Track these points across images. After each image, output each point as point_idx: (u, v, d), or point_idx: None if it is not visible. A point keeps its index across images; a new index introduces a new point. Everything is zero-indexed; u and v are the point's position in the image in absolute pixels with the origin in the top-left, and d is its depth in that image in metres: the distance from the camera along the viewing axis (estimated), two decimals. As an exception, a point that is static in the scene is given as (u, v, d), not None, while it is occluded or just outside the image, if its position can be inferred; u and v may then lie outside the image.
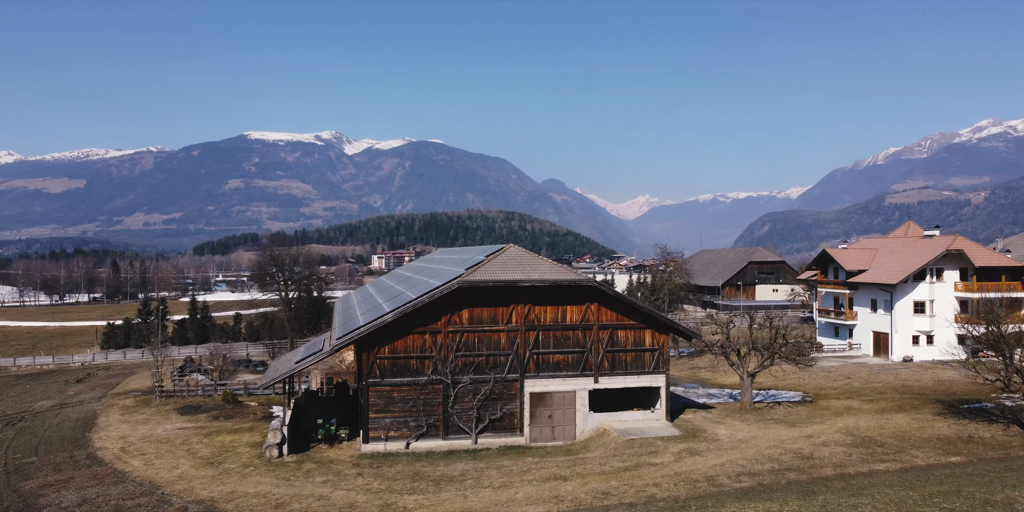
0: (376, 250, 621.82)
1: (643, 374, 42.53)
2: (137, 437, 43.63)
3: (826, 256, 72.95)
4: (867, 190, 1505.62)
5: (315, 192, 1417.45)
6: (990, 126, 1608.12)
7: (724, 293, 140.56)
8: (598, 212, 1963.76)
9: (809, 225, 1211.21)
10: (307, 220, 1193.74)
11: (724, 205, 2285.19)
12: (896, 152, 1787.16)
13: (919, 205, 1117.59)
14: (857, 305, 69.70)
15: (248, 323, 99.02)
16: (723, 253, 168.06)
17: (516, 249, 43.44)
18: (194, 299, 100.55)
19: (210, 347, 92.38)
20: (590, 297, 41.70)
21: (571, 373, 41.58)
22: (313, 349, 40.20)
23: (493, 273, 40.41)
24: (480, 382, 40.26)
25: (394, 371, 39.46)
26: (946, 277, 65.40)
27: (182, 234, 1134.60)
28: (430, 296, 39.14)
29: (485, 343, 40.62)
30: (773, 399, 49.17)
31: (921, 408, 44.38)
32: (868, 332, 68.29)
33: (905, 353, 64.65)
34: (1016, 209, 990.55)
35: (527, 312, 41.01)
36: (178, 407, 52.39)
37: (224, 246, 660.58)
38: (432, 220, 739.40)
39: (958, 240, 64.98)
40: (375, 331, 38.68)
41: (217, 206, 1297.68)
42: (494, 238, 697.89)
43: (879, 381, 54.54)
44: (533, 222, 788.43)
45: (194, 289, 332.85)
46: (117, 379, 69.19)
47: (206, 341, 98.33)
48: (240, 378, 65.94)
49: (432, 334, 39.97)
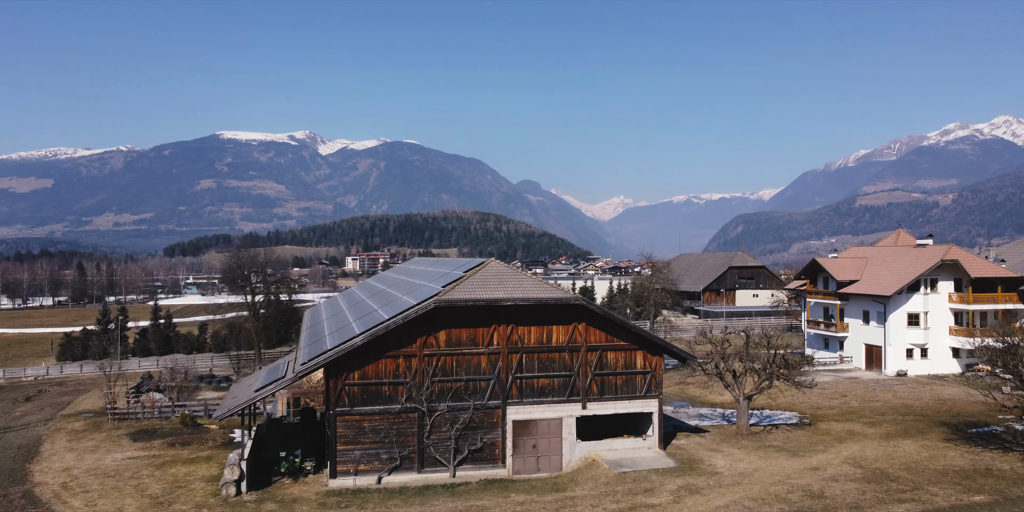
0: (350, 252, 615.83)
1: (634, 399, 39.49)
2: (83, 469, 39.79)
3: (816, 265, 70.50)
4: (838, 192, 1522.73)
5: (289, 192, 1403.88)
6: (957, 129, 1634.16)
7: (705, 298, 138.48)
8: (573, 213, 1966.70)
9: (781, 226, 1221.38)
10: (280, 221, 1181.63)
11: (698, 206, 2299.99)
12: (866, 154, 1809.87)
13: (888, 207, 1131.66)
14: (848, 316, 67.30)
15: (214, 333, 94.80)
16: (702, 258, 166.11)
17: (497, 264, 40.21)
18: (156, 308, 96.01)
19: (172, 359, 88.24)
20: (578, 316, 38.60)
21: (557, 399, 38.44)
22: (275, 375, 36.69)
23: (473, 291, 37.16)
24: (458, 410, 36.98)
25: (365, 398, 36.06)
26: (940, 288, 63.17)
27: (153, 235, 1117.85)
28: (404, 316, 35.80)
29: (464, 367, 37.36)
30: (769, 421, 46.37)
31: (928, 432, 41.77)
32: (860, 344, 65.90)
33: (899, 367, 62.28)
34: (983, 211, 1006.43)
35: (509, 333, 37.82)
36: (131, 431, 48.49)
37: (195, 247, 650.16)
38: (407, 221, 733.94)
39: (952, 250, 62.78)
40: (344, 355, 35.27)
41: (189, 206, 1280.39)
42: (469, 239, 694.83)
43: (877, 400, 51.98)
44: (508, 223, 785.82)
45: (163, 292, 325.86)
46: (69, 397, 64.91)
47: (169, 352, 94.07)
48: (202, 396, 62.00)
49: (406, 358, 36.64)
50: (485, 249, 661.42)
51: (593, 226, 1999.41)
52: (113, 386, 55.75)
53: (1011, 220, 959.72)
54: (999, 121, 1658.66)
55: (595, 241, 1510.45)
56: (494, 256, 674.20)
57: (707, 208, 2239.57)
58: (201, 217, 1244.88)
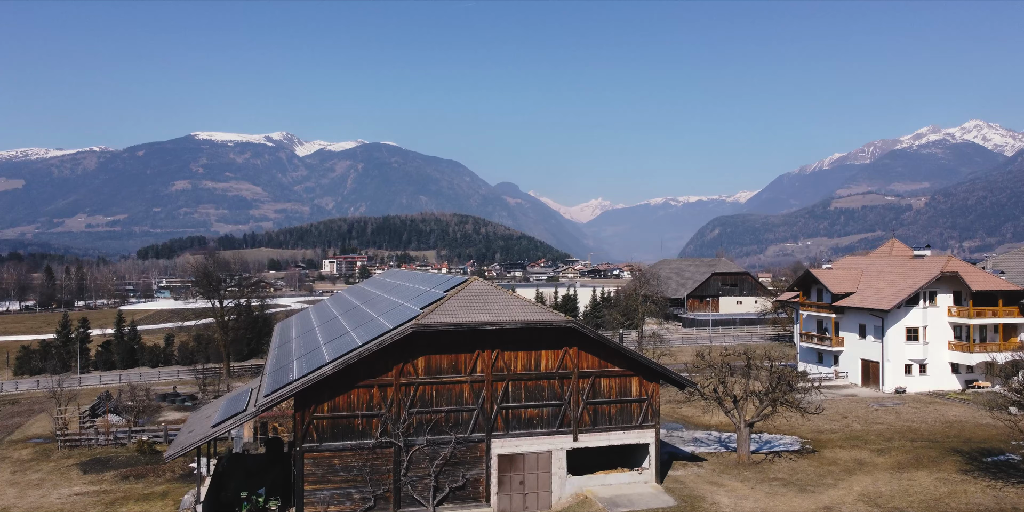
0: (327, 254, 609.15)
1: (629, 429, 36.42)
2: (24, 509, 36.04)
3: (809, 277, 67.88)
4: (813, 195, 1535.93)
5: (265, 194, 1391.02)
6: (929, 133, 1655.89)
7: (689, 305, 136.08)
8: (551, 215, 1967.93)
9: (758, 229, 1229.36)
10: (257, 223, 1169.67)
11: (675, 209, 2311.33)
12: (841, 157, 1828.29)
13: (863, 210, 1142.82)
14: (843, 330, 64.75)
15: (181, 345, 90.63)
16: (685, 263, 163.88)
17: (481, 283, 36.96)
18: (120, 318, 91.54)
19: (137, 373, 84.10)
20: (568, 340, 35.48)
21: (546, 430, 35.26)
22: (235, 407, 33.19)
23: (454, 313, 33.92)
24: (439, 444, 33.70)
25: (335, 433, 32.67)
26: (939, 301, 60.78)
27: (126, 236, 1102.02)
28: (379, 343, 32.47)
29: (445, 397, 34.09)
30: (770, 447, 43.50)
31: (941, 462, 39.07)
32: (856, 359, 63.34)
33: (897, 384, 59.80)
34: (954, 214, 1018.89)
35: (495, 359, 34.62)
36: (83, 461, 44.70)
37: (169, 250, 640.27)
38: (385, 223, 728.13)
39: (952, 262, 60.43)
40: (312, 386, 31.88)
41: (163, 208, 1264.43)
42: (448, 242, 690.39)
43: (880, 422, 49.31)
44: (487, 226, 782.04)
45: (135, 296, 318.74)
46: (21, 418, 60.74)
47: (134, 365, 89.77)
48: (164, 417, 58.17)
49: (381, 387, 33.30)
50: (464, 252, 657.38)
51: (571, 228, 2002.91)
52: (64, 409, 51.74)
53: (982, 223, 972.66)
54: (970, 125, 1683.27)
55: (573, 243, 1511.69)
56: (472, 259, 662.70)
57: (684, 210, 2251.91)
58: (176, 219, 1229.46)
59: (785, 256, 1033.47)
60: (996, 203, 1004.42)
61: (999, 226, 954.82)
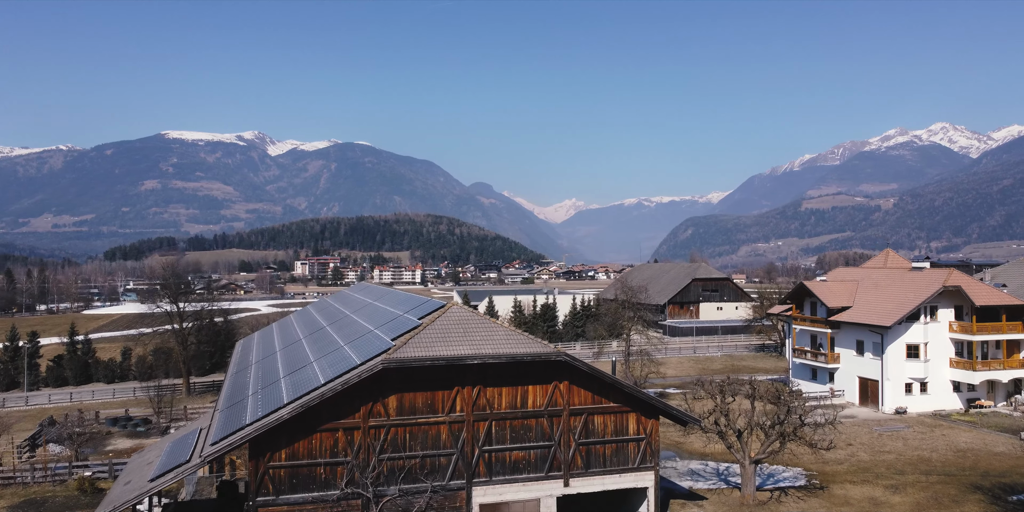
0: (299, 255, 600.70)
1: (626, 472, 32.70)
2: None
3: (803, 290, 64.64)
4: (784, 195, 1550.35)
5: (237, 194, 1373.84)
6: (897, 135, 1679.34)
7: (669, 311, 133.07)
8: (526, 216, 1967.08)
9: (730, 229, 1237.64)
10: (228, 223, 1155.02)
11: (648, 209, 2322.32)
12: (811, 159, 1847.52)
13: (833, 210, 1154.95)
14: (839, 346, 61.62)
15: (139, 359, 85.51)
16: (664, 268, 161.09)
17: (460, 309, 33.00)
18: (73, 331, 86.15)
19: (91, 390, 79.07)
20: (558, 374, 31.68)
21: (534, 475, 31.42)
22: (178, 457, 28.92)
23: (431, 345, 29.96)
24: (413, 493, 29.73)
25: (295, 484, 28.58)
26: (940, 316, 57.83)
27: (94, 237, 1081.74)
28: (344, 381, 28.44)
29: (420, 440, 30.14)
30: (774, 483, 40.01)
31: (963, 501, 35.80)
32: (853, 377, 60.22)
33: (898, 403, 56.73)
34: (922, 215, 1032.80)
35: (476, 396, 30.73)
36: (14, 504, 40.04)
37: (137, 251, 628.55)
38: (358, 224, 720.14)
39: (954, 274, 57.48)
40: (267, 432, 27.78)
41: (132, 208, 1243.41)
42: (422, 242, 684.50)
43: (888, 450, 46.06)
44: (461, 226, 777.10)
45: (100, 299, 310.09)
46: (-46, 448, 55.59)
47: (88, 381, 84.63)
48: (113, 446, 53.49)
49: (347, 431, 29.27)
50: (438, 252, 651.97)
51: (546, 228, 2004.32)
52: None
53: (948, 224, 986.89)
54: (936, 128, 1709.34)
55: (548, 243, 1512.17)
56: (446, 259, 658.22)
57: (657, 211, 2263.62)
58: (145, 219, 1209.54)
59: (757, 256, 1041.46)
60: (962, 204, 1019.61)
61: (965, 227, 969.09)
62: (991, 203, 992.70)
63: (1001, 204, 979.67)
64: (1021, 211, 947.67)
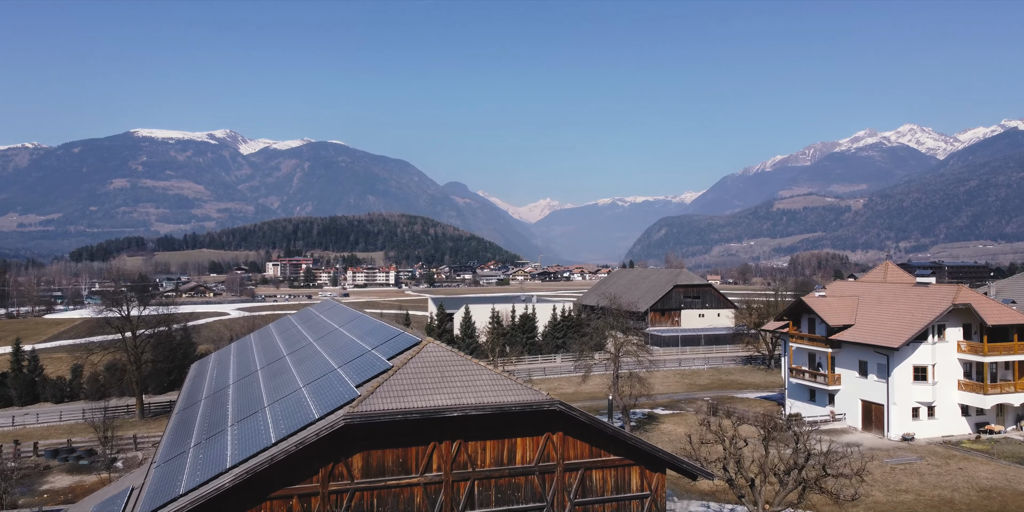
0: (271, 256, 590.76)
1: (629, 536, 28.45)
2: None
3: (801, 306, 60.83)
4: (756, 196, 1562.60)
5: (208, 193, 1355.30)
6: (867, 136, 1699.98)
7: (650, 319, 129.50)
8: (500, 215, 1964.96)
9: (703, 229, 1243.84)
10: (199, 222, 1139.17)
11: (623, 209, 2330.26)
12: (783, 159, 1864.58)
13: (804, 211, 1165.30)
14: (840, 366, 57.94)
15: (91, 376, 79.85)
16: (644, 274, 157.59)
17: (437, 348, 28.52)
18: (18, 348, 79.90)
19: (36, 411, 73.44)
20: (551, 424, 27.33)
21: (523, 542, 27.07)
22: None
23: (402, 394, 25.48)
24: (382, 569, 25.24)
25: (239, 563, 23.97)
26: (948, 335, 54.38)
27: (61, 236, 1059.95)
28: (300, 441, 23.87)
29: (390, 505, 25.63)
30: (785, 532, 35.96)
31: (1000, 557, 31.99)
32: (855, 400, 56.54)
33: (904, 429, 53.14)
34: (891, 215, 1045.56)
35: (456, 452, 26.29)
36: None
37: (105, 251, 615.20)
38: (332, 224, 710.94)
39: (963, 291, 54.00)
40: (207, 503, 23.13)
41: (100, 207, 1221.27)
42: (396, 243, 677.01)
43: (904, 487, 42.28)
44: (436, 226, 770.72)
45: (63, 303, 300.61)
46: None
47: (35, 401, 78.78)
48: (50, 484, 48.27)
49: (303, 498, 24.69)
50: (412, 253, 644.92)
51: (520, 228, 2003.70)
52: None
53: (916, 224, 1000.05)
54: (904, 129, 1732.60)
55: (522, 243, 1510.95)
56: (421, 260, 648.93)
57: (631, 211, 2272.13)
58: (114, 218, 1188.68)
59: (730, 256, 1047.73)
60: (930, 205, 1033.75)
61: (933, 227, 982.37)
62: (958, 204, 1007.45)
63: (967, 205, 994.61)
64: (987, 212, 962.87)
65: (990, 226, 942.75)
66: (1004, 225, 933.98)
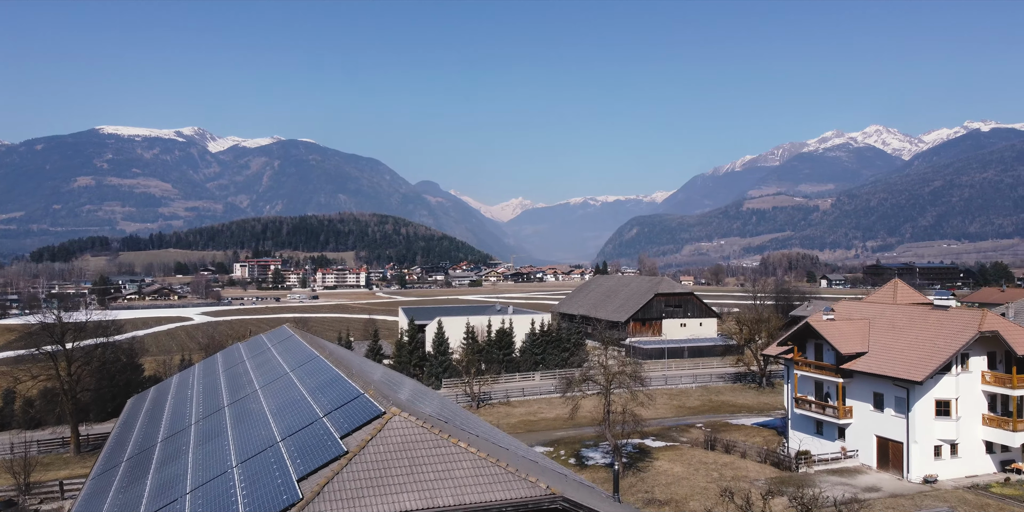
0: (239, 257, 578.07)
1: None
2: None
3: (808, 330, 55.33)
4: (726, 195, 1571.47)
5: (175, 191, 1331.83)
6: (834, 137, 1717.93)
7: (631, 328, 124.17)
8: (472, 214, 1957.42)
9: (674, 229, 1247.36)
10: (167, 221, 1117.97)
11: (594, 208, 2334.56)
12: (752, 160, 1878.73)
13: (773, 210, 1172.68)
14: (852, 398, 52.64)
15: (27, 400, 72.52)
16: (624, 281, 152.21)
17: (405, 424, 22.38)
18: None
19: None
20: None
21: None
22: None
23: (358, 493, 19.40)
24: None
25: None
26: (971, 365, 49.33)
27: (23, 235, 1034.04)
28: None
29: None
30: None
31: None
32: (869, 435, 51.24)
33: (927, 471, 47.90)
34: (858, 215, 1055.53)
35: (429, 563, 20.25)
36: None
37: (67, 251, 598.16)
38: (302, 223, 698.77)
39: (988, 317, 48.90)
40: None
41: (64, 205, 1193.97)
42: (367, 243, 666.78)
43: (942, 552, 36.99)
44: (408, 226, 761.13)
45: (18, 307, 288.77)
46: None
47: (-38, 430, 71.21)
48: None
49: None
50: (384, 253, 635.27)
51: (492, 227, 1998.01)
52: None
53: (883, 224, 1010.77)
54: (871, 130, 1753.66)
55: (494, 242, 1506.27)
56: (392, 260, 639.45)
57: (603, 210, 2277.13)
58: (78, 217, 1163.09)
59: (701, 255, 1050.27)
60: (896, 205, 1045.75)
61: (899, 227, 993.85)
62: (923, 204, 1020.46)
63: (932, 205, 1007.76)
64: (951, 212, 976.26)
65: (954, 226, 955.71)
66: (967, 225, 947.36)
